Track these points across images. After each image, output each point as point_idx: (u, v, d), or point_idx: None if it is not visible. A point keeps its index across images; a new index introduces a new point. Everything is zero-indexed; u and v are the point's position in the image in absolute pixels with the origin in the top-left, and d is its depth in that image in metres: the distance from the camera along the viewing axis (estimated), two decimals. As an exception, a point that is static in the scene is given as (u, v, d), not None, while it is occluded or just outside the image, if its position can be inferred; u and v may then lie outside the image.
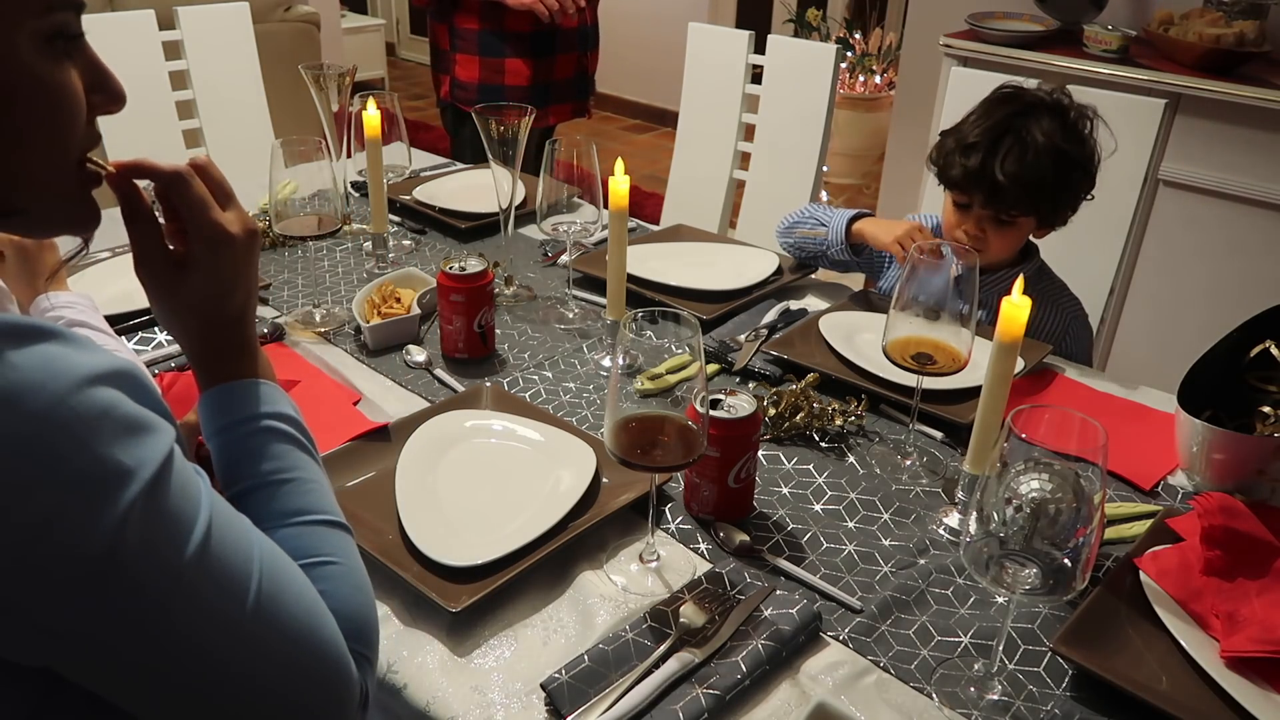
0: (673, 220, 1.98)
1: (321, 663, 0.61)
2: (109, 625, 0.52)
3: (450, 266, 1.30)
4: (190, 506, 0.54)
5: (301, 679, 0.60)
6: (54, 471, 0.48)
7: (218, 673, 0.56)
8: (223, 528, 0.56)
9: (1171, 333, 2.45)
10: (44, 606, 0.50)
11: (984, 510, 0.76)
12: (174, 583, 0.53)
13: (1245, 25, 2.37)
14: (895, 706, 0.82)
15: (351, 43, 5.42)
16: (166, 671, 0.55)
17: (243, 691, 0.57)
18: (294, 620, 0.59)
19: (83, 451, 0.49)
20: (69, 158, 0.61)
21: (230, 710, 0.58)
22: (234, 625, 0.56)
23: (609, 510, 1.01)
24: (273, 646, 0.58)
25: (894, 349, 1.07)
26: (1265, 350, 1.15)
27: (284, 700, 0.59)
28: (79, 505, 0.49)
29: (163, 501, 0.52)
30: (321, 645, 0.61)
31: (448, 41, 2.30)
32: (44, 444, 0.48)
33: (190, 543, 0.53)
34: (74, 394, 0.49)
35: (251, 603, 0.56)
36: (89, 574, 0.50)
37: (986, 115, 1.39)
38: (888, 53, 4.00)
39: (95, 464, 0.50)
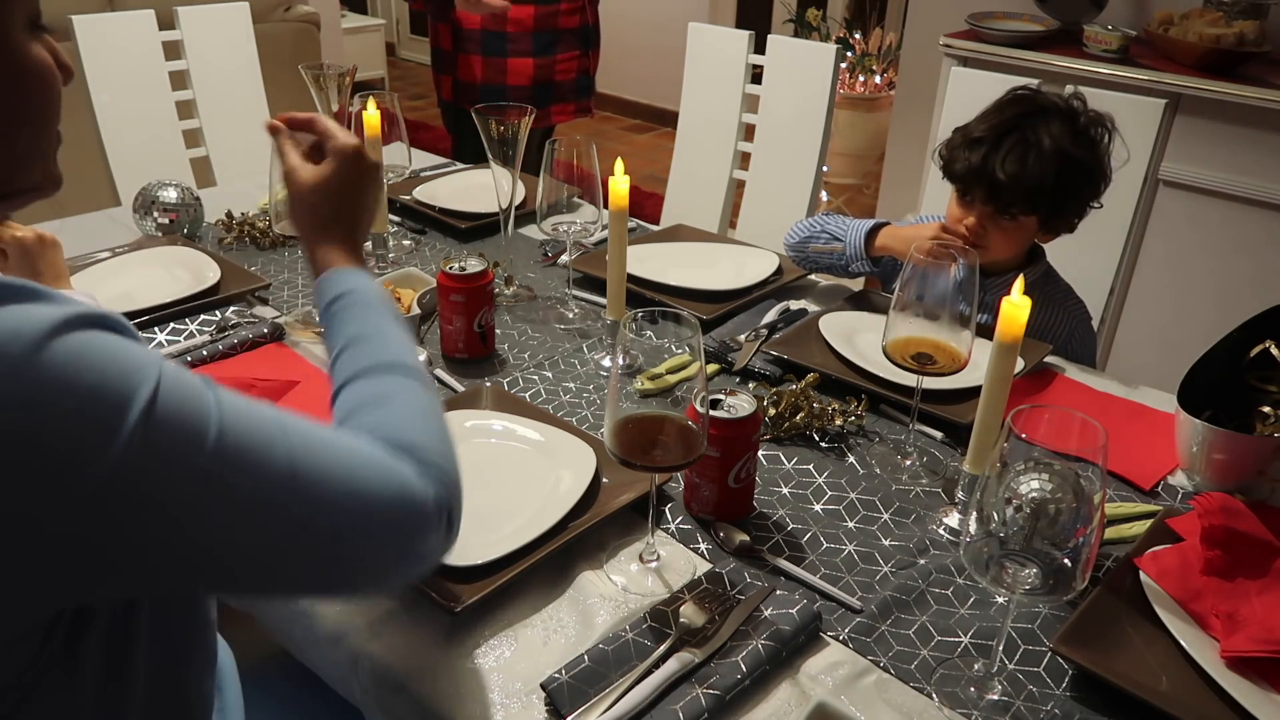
0: (673, 220, 1.99)
1: (380, 505, 0.62)
2: (154, 542, 0.53)
3: (450, 266, 1.30)
4: (197, 411, 0.54)
5: (366, 528, 0.61)
6: (51, 413, 0.49)
7: (278, 550, 0.58)
8: (237, 422, 0.56)
9: (1172, 333, 2.45)
10: (90, 541, 0.51)
11: (984, 510, 0.76)
12: (202, 484, 0.54)
13: (1245, 25, 2.37)
14: (895, 706, 0.82)
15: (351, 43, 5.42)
16: (231, 565, 0.57)
17: (311, 558, 0.60)
18: (338, 483, 0.60)
19: (74, 388, 0.50)
20: (53, 135, 0.65)
21: (310, 576, 0.61)
22: (273, 504, 0.57)
23: (609, 510, 1.01)
24: (325, 507, 0.59)
25: (894, 349, 1.07)
26: (1265, 350, 1.15)
27: (358, 551, 0.61)
28: (87, 440, 0.50)
29: (166, 415, 0.53)
30: (374, 490, 0.61)
31: (450, 42, 2.30)
32: (34, 387, 0.49)
33: (206, 444, 0.54)
34: (49, 340, 0.50)
35: (287, 476, 0.57)
36: (118, 501, 0.51)
37: (997, 113, 1.39)
38: (888, 53, 4.00)
39: (88, 398, 0.50)
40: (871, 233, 1.50)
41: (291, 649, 0.98)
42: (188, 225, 1.65)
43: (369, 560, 0.63)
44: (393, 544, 0.63)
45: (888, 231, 1.50)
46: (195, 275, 1.48)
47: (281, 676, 1.07)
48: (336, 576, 0.63)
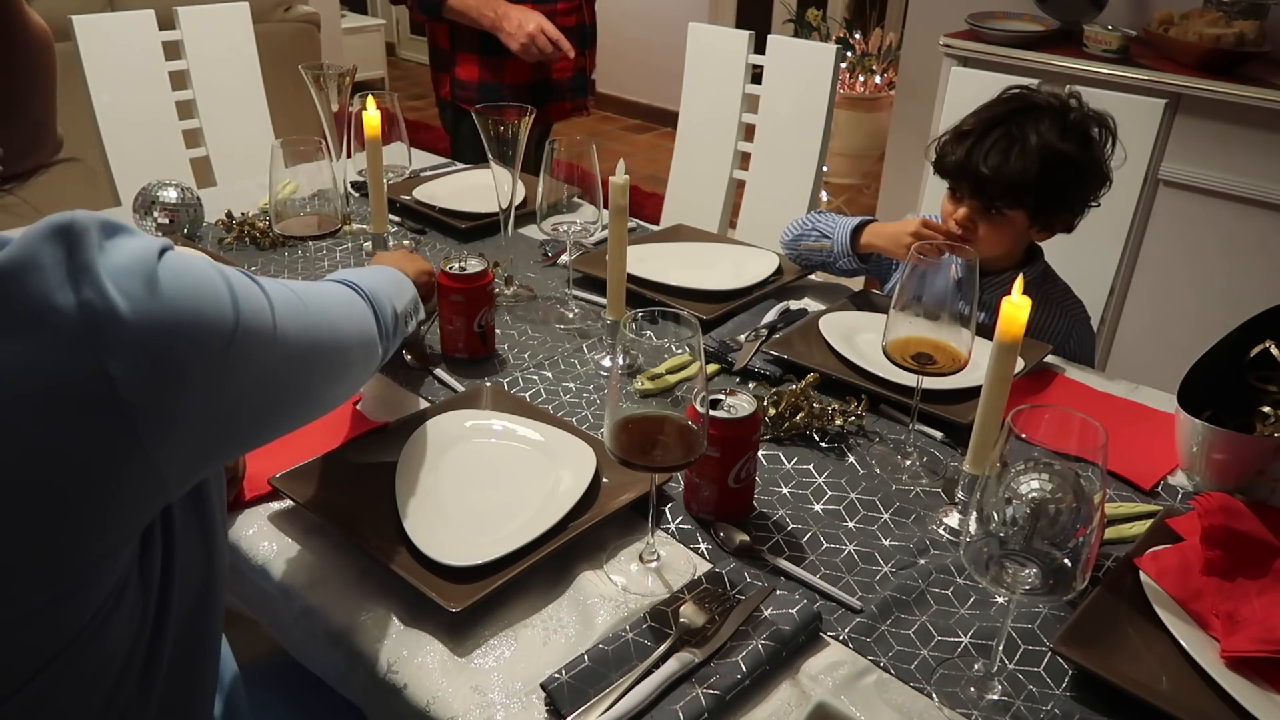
0: (673, 220, 1.99)
1: (365, 335, 0.90)
2: (258, 393, 0.66)
3: (450, 266, 1.30)
4: (253, 290, 0.66)
5: (361, 350, 0.88)
6: (183, 324, 0.58)
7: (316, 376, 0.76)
8: (276, 290, 0.70)
9: (1171, 333, 2.45)
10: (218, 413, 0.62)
11: (984, 510, 0.76)
12: (274, 346, 0.67)
13: (1245, 25, 2.37)
14: (895, 706, 0.82)
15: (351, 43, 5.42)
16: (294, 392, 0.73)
17: (333, 374, 0.80)
18: (343, 322, 0.84)
19: (190, 298, 0.59)
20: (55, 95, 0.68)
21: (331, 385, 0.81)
22: (317, 351, 0.76)
23: (609, 510, 1.01)
24: (340, 344, 0.82)
25: (894, 349, 1.07)
26: (1265, 350, 1.15)
27: (357, 363, 0.88)
28: (211, 337, 0.60)
29: (243, 299, 0.63)
30: (359, 327, 0.89)
31: (448, 41, 2.30)
32: (167, 302, 0.57)
33: (272, 315, 0.67)
34: (160, 260, 0.59)
35: (316, 318, 0.75)
36: (230, 377, 0.62)
37: (987, 109, 1.40)
38: (888, 53, 4.00)
39: (202, 305, 0.60)
40: (857, 230, 1.51)
41: (291, 649, 0.98)
42: (188, 225, 1.65)
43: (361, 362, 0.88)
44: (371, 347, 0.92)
45: (872, 228, 1.51)
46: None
47: (281, 676, 1.07)
48: (334, 388, 0.82)
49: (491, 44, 2.22)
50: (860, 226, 1.52)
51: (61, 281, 0.53)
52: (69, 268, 0.53)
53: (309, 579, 0.94)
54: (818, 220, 1.57)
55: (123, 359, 0.54)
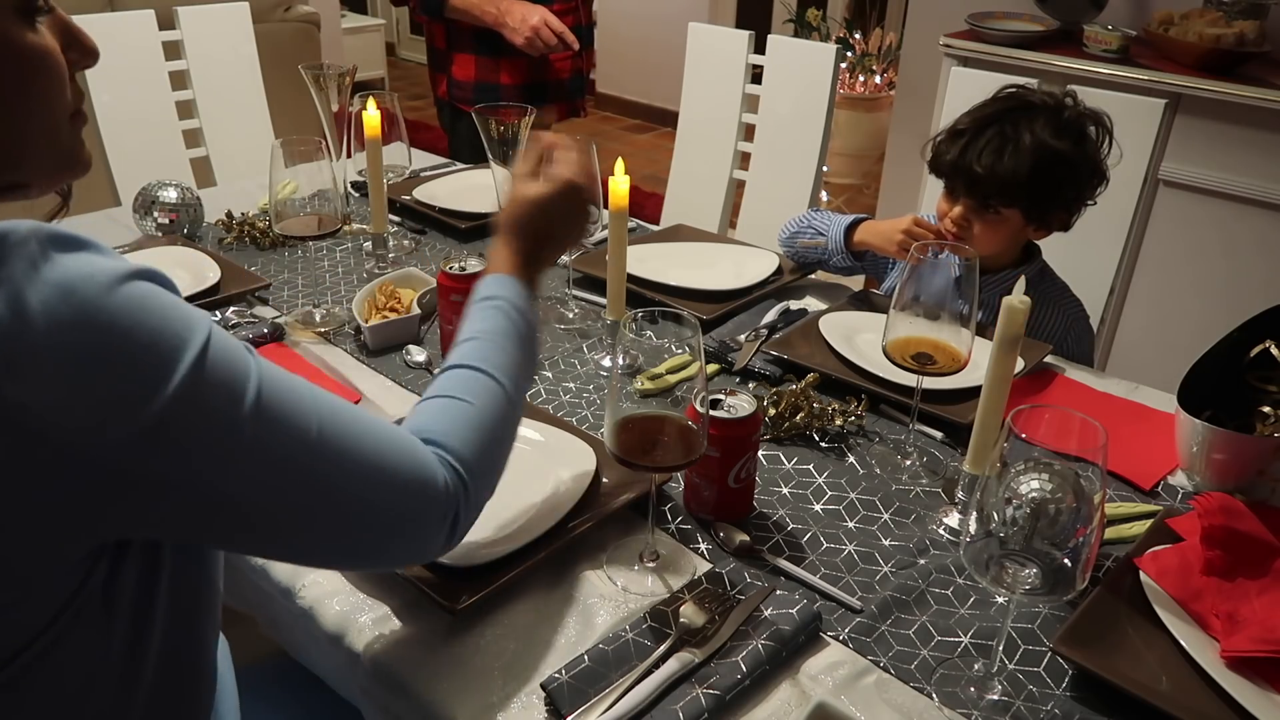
0: (673, 220, 1.98)
1: (394, 483, 0.67)
2: (186, 484, 0.57)
3: (450, 266, 1.30)
4: (239, 370, 0.59)
5: (376, 501, 0.66)
6: (111, 354, 0.53)
7: (294, 508, 0.63)
8: (274, 385, 0.61)
9: (1171, 333, 2.45)
10: (129, 475, 0.55)
11: (984, 510, 0.76)
12: (237, 435, 0.58)
13: (1245, 25, 2.37)
14: (895, 706, 0.82)
15: (351, 43, 5.42)
16: (248, 516, 0.61)
17: (322, 521, 0.64)
18: (361, 455, 0.65)
19: (135, 332, 0.54)
20: (61, 117, 0.66)
21: (316, 538, 0.66)
22: (298, 466, 0.62)
23: (609, 510, 1.01)
24: (342, 478, 0.64)
25: (894, 349, 1.07)
26: (1265, 350, 1.15)
27: (365, 522, 0.66)
28: (141, 380, 0.54)
29: (214, 367, 0.57)
30: (391, 468, 0.66)
31: (444, 40, 2.30)
32: (100, 328, 0.53)
33: (245, 400, 0.59)
34: (119, 285, 0.54)
35: (315, 441, 0.62)
36: (162, 439, 0.55)
37: (982, 108, 1.40)
38: (888, 53, 4.00)
39: (151, 340, 0.55)
40: (851, 228, 1.52)
41: (291, 649, 0.98)
42: (188, 225, 1.65)
43: (373, 533, 0.67)
44: (396, 523, 0.68)
45: (866, 226, 1.52)
46: (195, 275, 1.48)
47: (281, 676, 1.07)
48: (340, 545, 0.67)
49: (488, 43, 2.22)
50: (854, 224, 1.53)
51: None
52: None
53: (309, 579, 0.94)
54: (814, 218, 1.58)
55: (25, 381, 0.50)
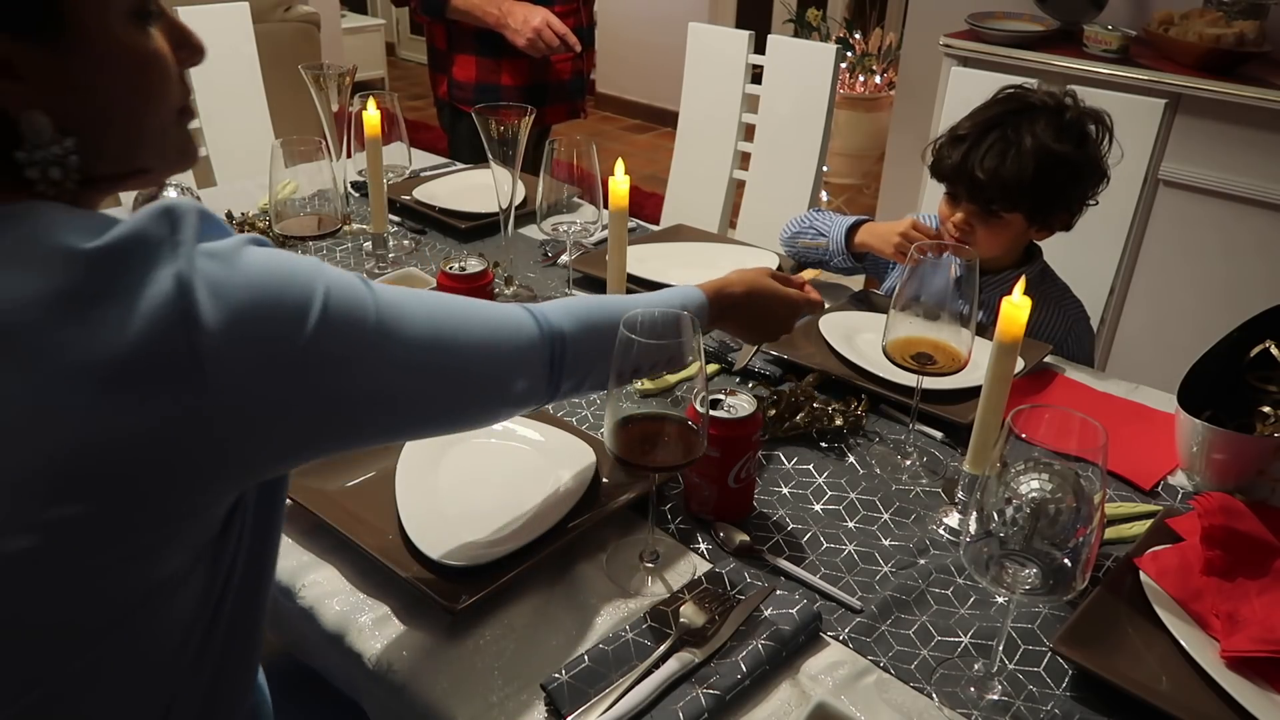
0: (673, 220, 1.99)
1: (499, 348, 0.80)
2: (340, 395, 0.67)
3: (450, 266, 1.30)
4: (359, 291, 0.69)
5: (486, 363, 0.79)
6: (261, 301, 0.62)
7: (425, 387, 0.74)
8: (386, 296, 0.71)
9: (1171, 333, 2.45)
10: (293, 404, 0.64)
11: (984, 510, 0.76)
12: (369, 348, 0.69)
13: (1245, 25, 2.37)
14: (895, 706, 0.82)
15: (351, 43, 5.42)
16: (388, 404, 0.72)
17: (446, 388, 0.76)
18: (469, 329, 0.77)
19: (273, 281, 0.63)
20: (171, 112, 0.70)
21: (443, 404, 0.77)
22: (422, 350, 0.73)
23: (609, 510, 1.01)
24: (457, 349, 0.76)
25: (894, 349, 1.07)
26: (1265, 350, 1.15)
27: (477, 380, 0.79)
28: (290, 321, 0.63)
29: (339, 301, 0.66)
30: (496, 336, 0.80)
31: (445, 41, 2.30)
32: (245, 281, 0.62)
33: (369, 312, 0.69)
34: (245, 247, 0.65)
35: (428, 329, 0.73)
36: (313, 368, 0.64)
37: (982, 111, 1.40)
38: (888, 53, 4.00)
39: (285, 289, 0.64)
40: (852, 229, 1.52)
41: (292, 648, 0.98)
42: (188, 225, 1.65)
43: (488, 388, 0.80)
44: (505, 374, 0.81)
45: (867, 228, 1.52)
46: (195, 275, 1.47)
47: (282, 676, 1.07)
48: (463, 404, 0.79)
49: (489, 44, 2.22)
50: (855, 226, 1.52)
51: (162, 256, 0.59)
52: (170, 244, 0.60)
53: (309, 579, 0.94)
54: (815, 218, 1.58)
55: (205, 337, 0.58)
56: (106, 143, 0.66)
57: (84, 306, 0.57)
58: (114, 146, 0.67)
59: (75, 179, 0.64)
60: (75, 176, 0.64)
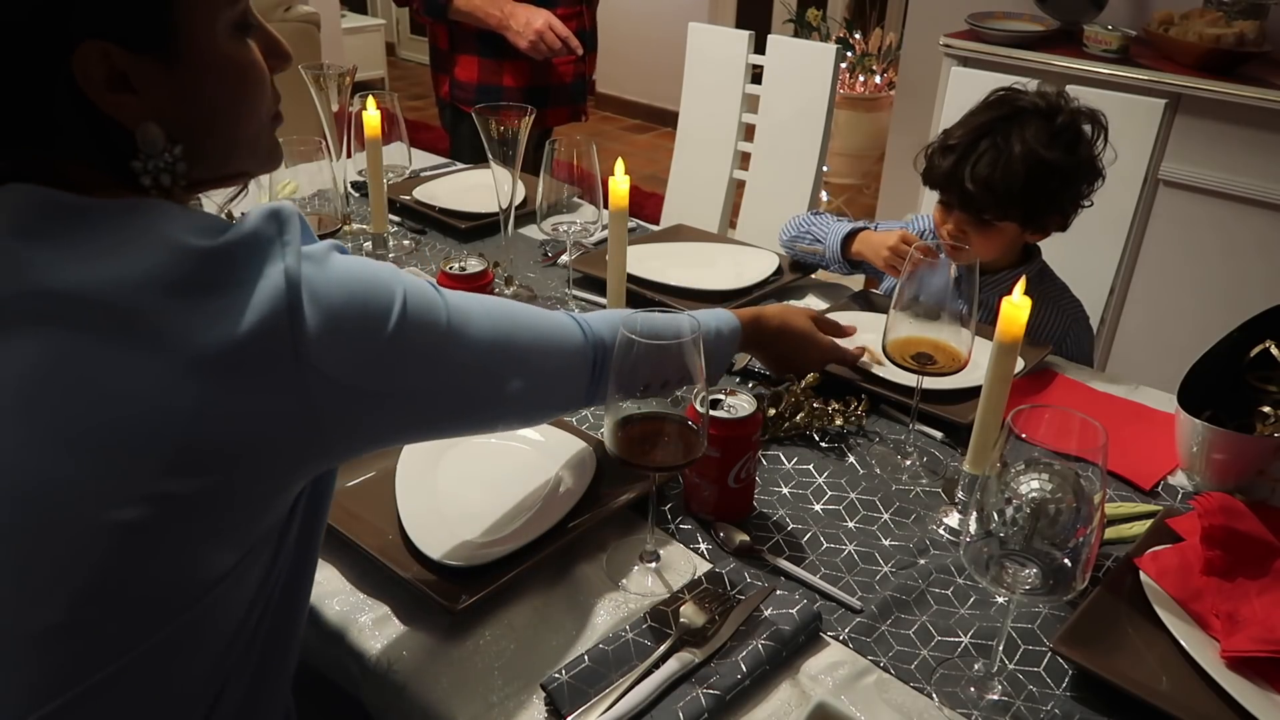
0: (673, 220, 1.99)
1: (551, 350, 0.86)
2: (415, 388, 0.73)
3: (450, 266, 1.30)
4: (433, 303, 0.75)
5: (541, 365, 0.85)
6: (349, 302, 0.67)
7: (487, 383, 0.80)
8: (455, 301, 0.77)
9: (1171, 333, 2.45)
10: (377, 392, 0.69)
11: (984, 510, 0.76)
12: (441, 348, 0.75)
13: (1245, 25, 2.37)
14: (895, 706, 0.82)
15: (351, 43, 5.42)
16: (455, 397, 0.78)
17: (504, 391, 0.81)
18: (525, 334, 0.84)
19: (359, 283, 0.69)
20: (266, 117, 0.75)
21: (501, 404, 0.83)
22: (486, 351, 0.79)
23: (609, 510, 1.01)
24: (516, 351, 0.82)
25: (894, 349, 1.07)
26: (1265, 350, 1.15)
27: (535, 387, 0.85)
28: (375, 319, 0.69)
29: (416, 305, 0.72)
30: (548, 339, 0.86)
31: (447, 42, 2.30)
32: (336, 283, 0.67)
33: (441, 324, 0.75)
34: (330, 253, 0.69)
35: (490, 332, 0.79)
36: (396, 359, 0.70)
37: (973, 117, 1.39)
38: (888, 53, 4.00)
39: (370, 292, 0.69)
40: (848, 238, 1.51)
41: (291, 649, 0.98)
42: (188, 225, 1.65)
43: (539, 387, 0.86)
44: (556, 374, 0.87)
45: (861, 238, 1.50)
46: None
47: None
48: (519, 402, 0.84)
49: (491, 45, 2.22)
50: (851, 234, 1.51)
51: (273, 252, 0.64)
52: (279, 244, 0.65)
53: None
54: (812, 224, 1.57)
55: (309, 324, 0.64)
56: (209, 148, 0.70)
57: (200, 296, 0.61)
58: (215, 151, 0.71)
59: (182, 184, 0.68)
60: (182, 182, 0.68)
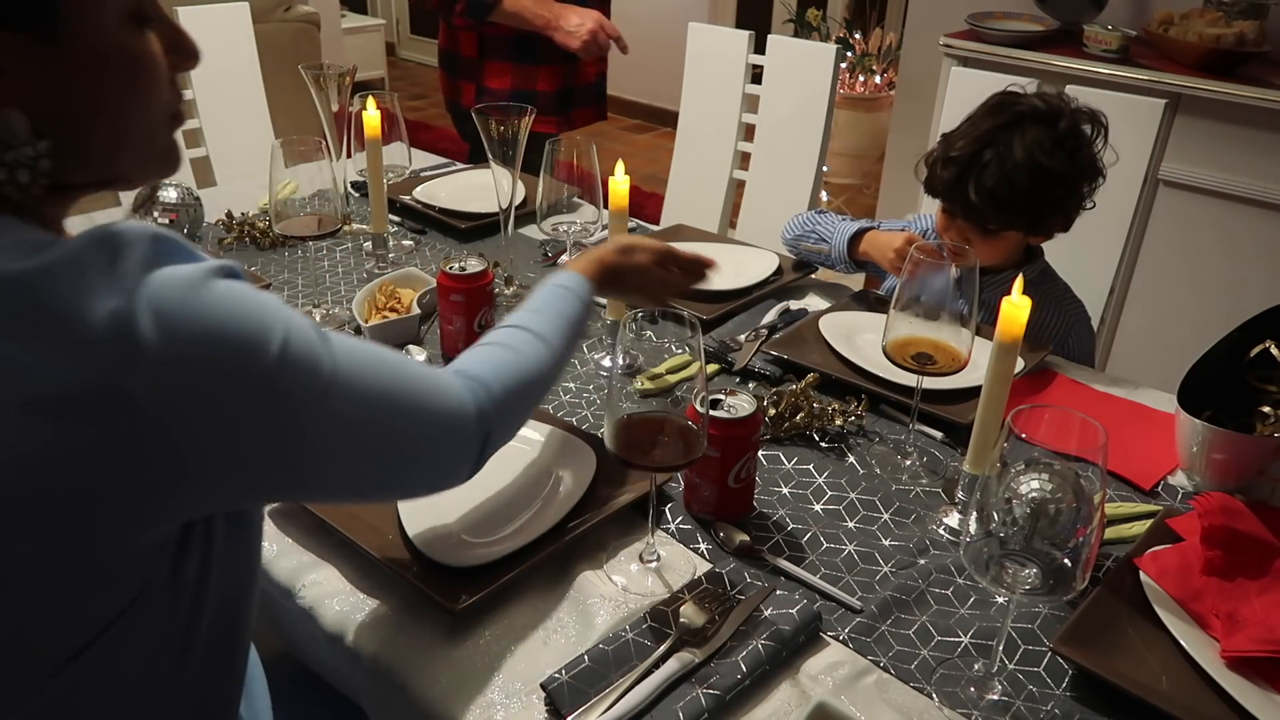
0: (673, 220, 1.99)
1: (433, 423, 0.74)
2: (276, 447, 0.62)
3: (450, 266, 1.30)
4: (315, 351, 0.64)
5: (417, 437, 0.73)
6: (210, 340, 0.57)
7: (357, 455, 0.69)
8: (346, 359, 0.67)
9: (1171, 333, 2.45)
10: (233, 446, 0.59)
11: (984, 510, 0.76)
12: (318, 403, 0.64)
13: (1245, 25, 2.37)
14: (895, 706, 0.82)
15: (351, 43, 5.42)
16: (321, 464, 0.67)
17: (373, 458, 0.70)
18: (408, 399, 0.72)
19: (230, 320, 0.58)
20: (160, 117, 0.67)
21: (367, 473, 0.71)
22: (366, 419, 0.68)
23: (609, 510, 1.01)
24: (396, 421, 0.71)
25: (894, 349, 1.07)
26: (1265, 350, 1.15)
27: (412, 458, 0.74)
28: (237, 366, 0.58)
29: (295, 351, 0.61)
30: (433, 410, 0.74)
31: (476, 49, 2.27)
32: (199, 317, 0.57)
33: (322, 375, 0.64)
34: (209, 279, 0.59)
35: (377, 396, 0.69)
36: (260, 411, 0.60)
37: (973, 126, 1.38)
38: (888, 53, 4.00)
39: (242, 328, 0.59)
40: (855, 239, 1.51)
41: (291, 649, 0.98)
42: (188, 225, 1.65)
43: (412, 462, 0.74)
44: (432, 450, 0.75)
45: (868, 238, 1.50)
46: (195, 275, 1.47)
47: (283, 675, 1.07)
48: (384, 477, 0.72)
49: (526, 51, 2.21)
50: (858, 235, 1.51)
51: (96, 289, 0.54)
52: (107, 276, 0.54)
53: (309, 579, 0.94)
54: (817, 223, 1.57)
55: (144, 375, 0.54)
56: (87, 146, 0.63)
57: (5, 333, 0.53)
58: (95, 150, 0.64)
59: (43, 184, 0.60)
60: (43, 181, 0.60)
